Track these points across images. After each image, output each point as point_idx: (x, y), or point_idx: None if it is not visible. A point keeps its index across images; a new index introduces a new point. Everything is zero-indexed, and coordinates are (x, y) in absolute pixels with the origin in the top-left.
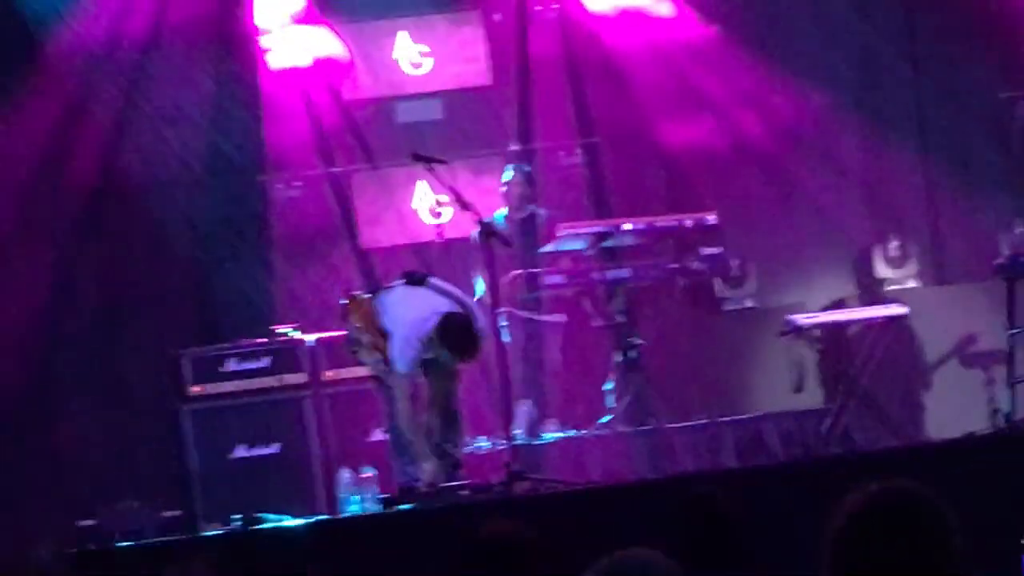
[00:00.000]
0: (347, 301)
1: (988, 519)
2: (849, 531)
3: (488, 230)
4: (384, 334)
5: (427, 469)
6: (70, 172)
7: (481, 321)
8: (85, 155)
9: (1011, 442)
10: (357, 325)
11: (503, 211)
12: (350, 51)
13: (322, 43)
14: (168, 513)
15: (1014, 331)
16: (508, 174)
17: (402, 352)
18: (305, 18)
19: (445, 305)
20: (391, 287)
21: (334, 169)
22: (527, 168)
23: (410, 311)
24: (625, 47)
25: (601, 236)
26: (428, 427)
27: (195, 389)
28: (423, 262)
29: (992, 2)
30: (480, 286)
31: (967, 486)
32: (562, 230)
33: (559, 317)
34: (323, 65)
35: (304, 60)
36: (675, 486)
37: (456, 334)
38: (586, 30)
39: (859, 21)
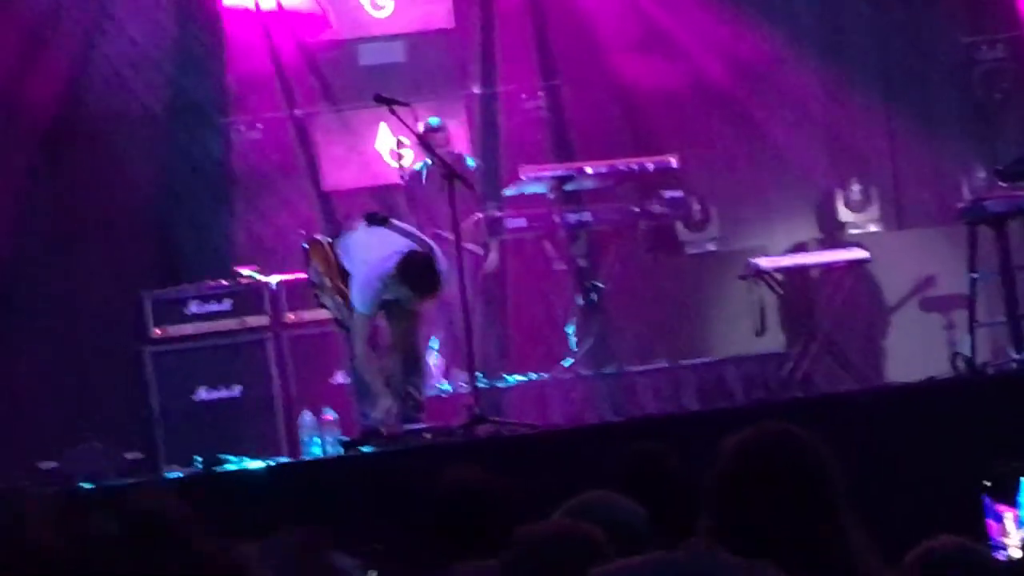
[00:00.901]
0: (308, 245)
1: (949, 462)
2: (725, 472)
3: (451, 172)
4: (345, 276)
5: (383, 408)
6: (30, 108)
7: (442, 260)
8: (45, 91)
9: (971, 386)
10: (319, 268)
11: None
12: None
13: None
14: (130, 455)
15: (975, 275)
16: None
17: (362, 292)
18: None
19: (405, 245)
20: (352, 229)
21: (296, 111)
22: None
23: (370, 252)
24: None
25: (563, 179)
26: (390, 369)
27: (157, 331)
28: (385, 204)
29: None
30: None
31: (928, 429)
32: (524, 173)
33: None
34: (286, 10)
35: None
36: (637, 429)
37: (417, 271)
38: None
39: None
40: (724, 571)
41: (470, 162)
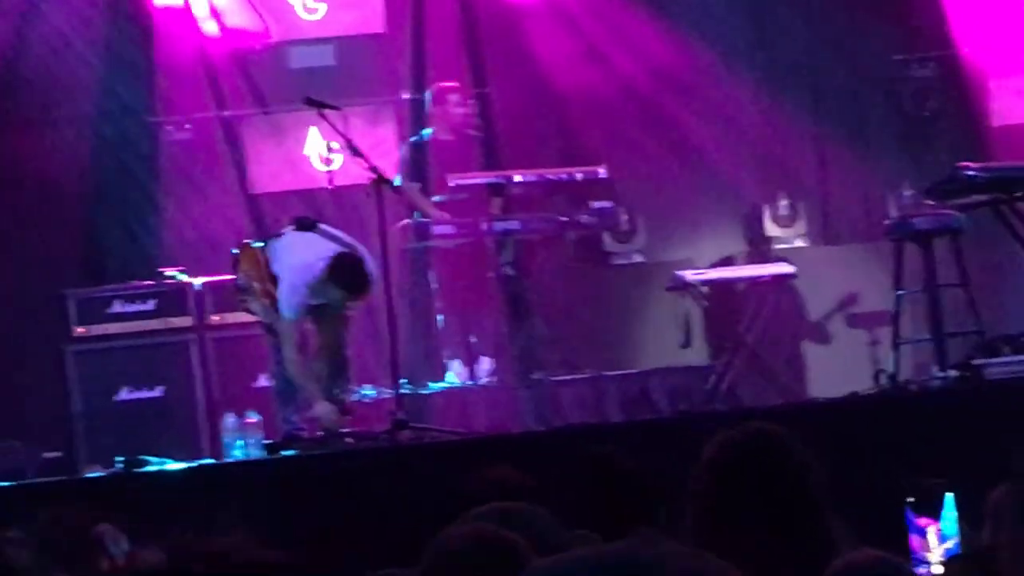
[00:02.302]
0: (238, 249)
1: (872, 477)
2: (709, 477)
3: (379, 178)
4: (274, 281)
5: (321, 410)
6: None
7: (371, 264)
8: None
9: (894, 402)
10: (248, 273)
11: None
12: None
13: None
14: (49, 454)
15: (900, 292)
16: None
17: (289, 297)
18: None
19: (334, 249)
20: (281, 233)
21: (225, 112)
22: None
23: (298, 256)
24: None
25: (491, 187)
26: (317, 373)
27: (80, 330)
28: (313, 209)
29: None
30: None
31: (851, 445)
32: (453, 180)
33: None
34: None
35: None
36: (560, 439)
37: (346, 271)
38: None
39: None
40: (670, 559)
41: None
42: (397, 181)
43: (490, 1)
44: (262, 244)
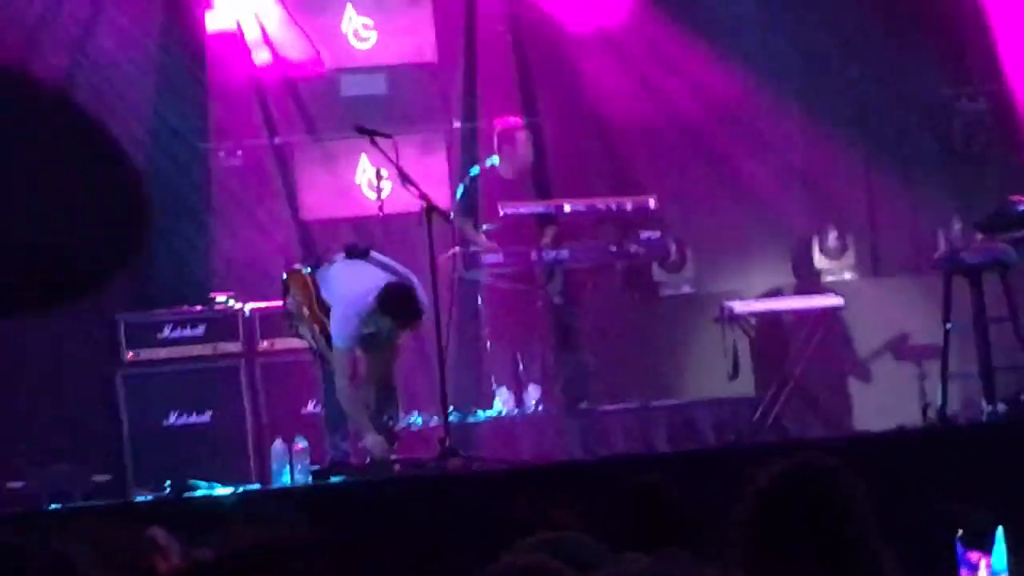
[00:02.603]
0: (288, 274)
1: (920, 511)
2: (757, 506)
3: (429, 207)
4: (324, 307)
5: (372, 442)
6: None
7: (422, 293)
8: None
9: (942, 436)
10: (297, 298)
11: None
12: (298, 23)
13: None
14: (99, 477)
15: (949, 326)
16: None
17: (341, 327)
18: None
19: (384, 278)
20: (332, 261)
21: (277, 139)
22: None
23: (350, 285)
24: (572, 27)
25: (542, 217)
26: (365, 401)
27: (130, 354)
28: (362, 236)
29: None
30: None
31: (898, 478)
32: (503, 209)
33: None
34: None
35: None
36: (607, 469)
37: (397, 301)
38: (534, 9)
39: (803, 7)
40: None
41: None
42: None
43: (541, 31)
44: (311, 270)
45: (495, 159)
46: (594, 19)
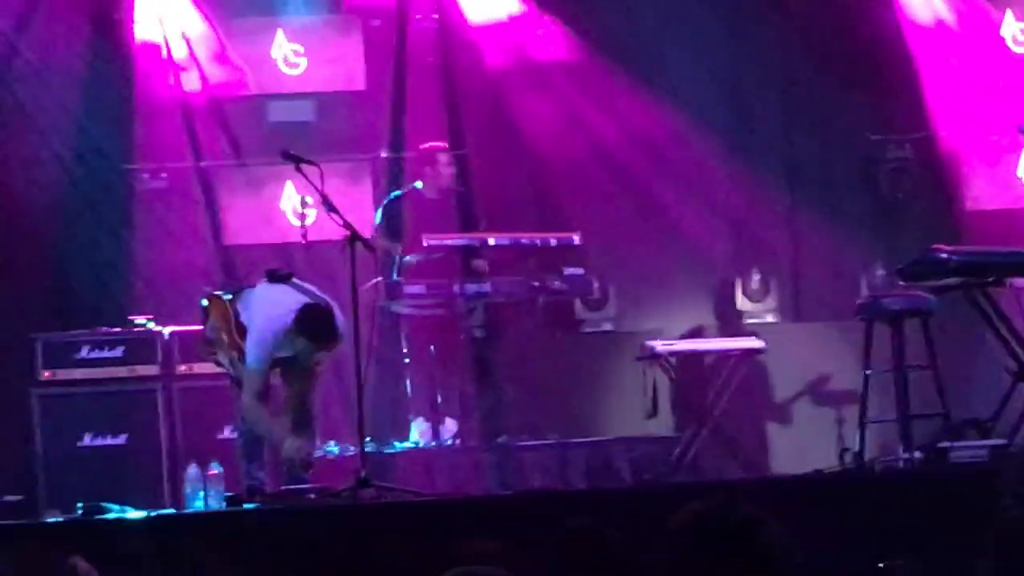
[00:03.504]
0: (208, 300)
1: (833, 556)
2: (674, 549)
3: (353, 235)
4: (243, 333)
5: (288, 445)
6: None
7: (339, 317)
8: None
9: (858, 481)
10: (216, 324)
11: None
12: (225, 48)
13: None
14: (10, 497)
15: (868, 372)
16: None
17: (256, 347)
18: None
19: (303, 302)
20: (252, 285)
21: (202, 163)
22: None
23: (269, 307)
24: (502, 61)
25: (465, 249)
26: (280, 425)
27: (46, 374)
28: (285, 262)
29: (867, 43)
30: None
31: (813, 522)
32: (427, 240)
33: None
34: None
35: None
36: (522, 504)
37: (314, 322)
38: (463, 41)
39: (732, 50)
40: None
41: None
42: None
43: (471, 63)
44: (231, 296)
45: (419, 183)
46: (524, 53)
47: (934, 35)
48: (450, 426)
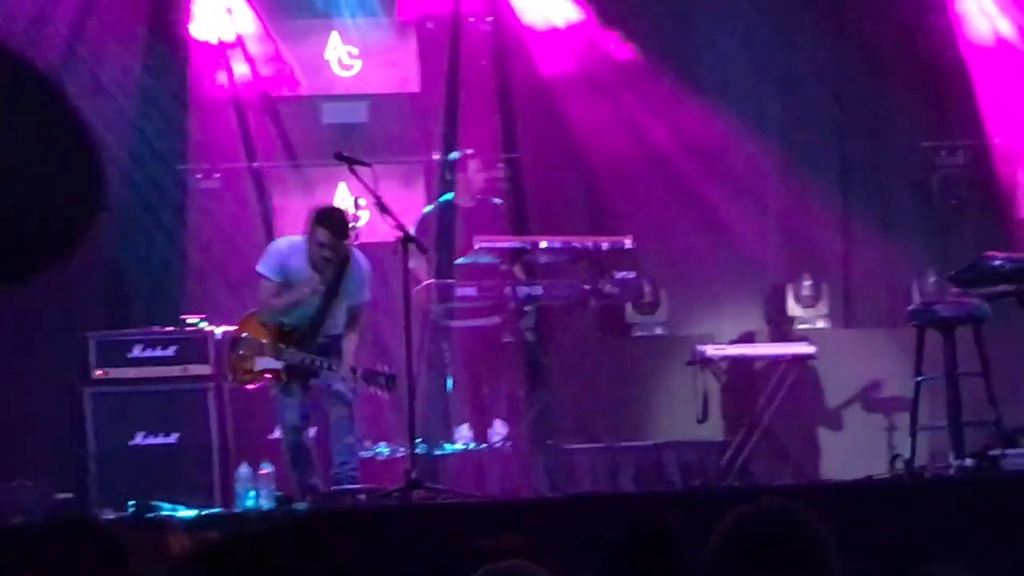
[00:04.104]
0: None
1: (882, 563)
2: (723, 550)
3: (406, 237)
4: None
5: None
6: None
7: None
8: None
9: (908, 488)
10: (253, 343)
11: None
12: (278, 46)
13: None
14: (61, 495)
15: (920, 379)
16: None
17: (267, 255)
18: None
19: None
20: None
21: (256, 163)
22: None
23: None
24: (555, 65)
25: (518, 252)
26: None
27: (99, 372)
28: None
29: (922, 52)
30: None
31: (863, 529)
32: (479, 243)
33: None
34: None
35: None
36: (571, 507)
37: (332, 212)
38: (518, 45)
39: (789, 59)
40: None
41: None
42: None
43: (525, 67)
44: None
45: (448, 195)
46: (578, 58)
47: (989, 43)
48: (499, 428)
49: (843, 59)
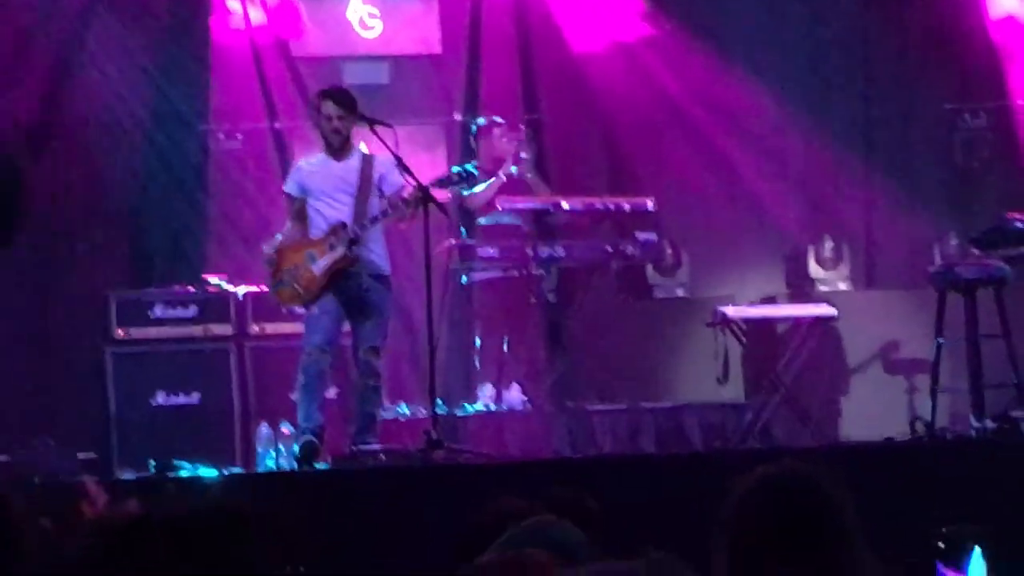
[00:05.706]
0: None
1: (902, 524)
2: (741, 510)
3: (426, 196)
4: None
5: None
6: (12, 105)
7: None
8: (29, 89)
9: (929, 450)
10: (289, 267)
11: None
12: (300, 9)
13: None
14: (83, 455)
15: (941, 340)
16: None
17: (290, 173)
18: None
19: None
20: None
21: (277, 124)
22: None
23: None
24: (578, 27)
25: (539, 213)
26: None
27: (120, 332)
28: None
29: (945, 16)
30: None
31: (883, 490)
32: (500, 203)
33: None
34: (274, 16)
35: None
36: (593, 467)
37: (341, 89)
38: (539, 6)
39: (810, 17)
40: None
41: (512, 169)
42: (513, 170)
43: (546, 28)
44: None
45: (471, 164)
46: (601, 20)
47: (1013, 6)
48: (519, 389)
49: (866, 21)
